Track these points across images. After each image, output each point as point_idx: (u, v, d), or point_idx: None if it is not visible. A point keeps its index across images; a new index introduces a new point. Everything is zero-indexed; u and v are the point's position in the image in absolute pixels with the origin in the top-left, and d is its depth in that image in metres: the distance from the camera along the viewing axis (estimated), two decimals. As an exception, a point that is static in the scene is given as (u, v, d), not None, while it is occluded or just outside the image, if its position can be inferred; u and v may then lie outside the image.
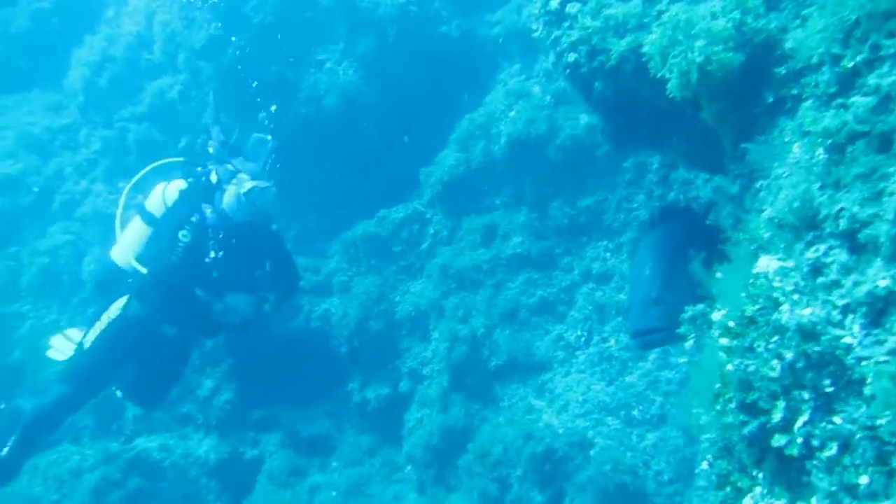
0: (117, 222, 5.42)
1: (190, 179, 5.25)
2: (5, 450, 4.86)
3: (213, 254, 5.07)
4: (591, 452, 4.80)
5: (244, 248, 5.28)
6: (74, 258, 7.57)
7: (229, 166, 5.23)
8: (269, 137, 5.38)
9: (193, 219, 5.10)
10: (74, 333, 5.24)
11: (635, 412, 4.90)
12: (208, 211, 5.17)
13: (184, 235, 5.04)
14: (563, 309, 5.62)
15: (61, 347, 5.12)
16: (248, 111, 5.59)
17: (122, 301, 5.12)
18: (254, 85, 6.57)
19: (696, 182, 4.70)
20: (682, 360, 4.69)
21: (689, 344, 2.65)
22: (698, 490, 4.08)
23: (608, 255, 5.49)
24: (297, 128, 7.05)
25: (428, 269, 6.35)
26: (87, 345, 5.01)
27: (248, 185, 5.14)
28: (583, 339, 5.40)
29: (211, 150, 5.36)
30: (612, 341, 5.28)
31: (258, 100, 6.29)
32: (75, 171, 8.37)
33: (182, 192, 5.18)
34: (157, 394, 5.57)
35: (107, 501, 6.20)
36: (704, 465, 2.24)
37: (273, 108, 5.66)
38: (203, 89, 7.09)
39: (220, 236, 5.13)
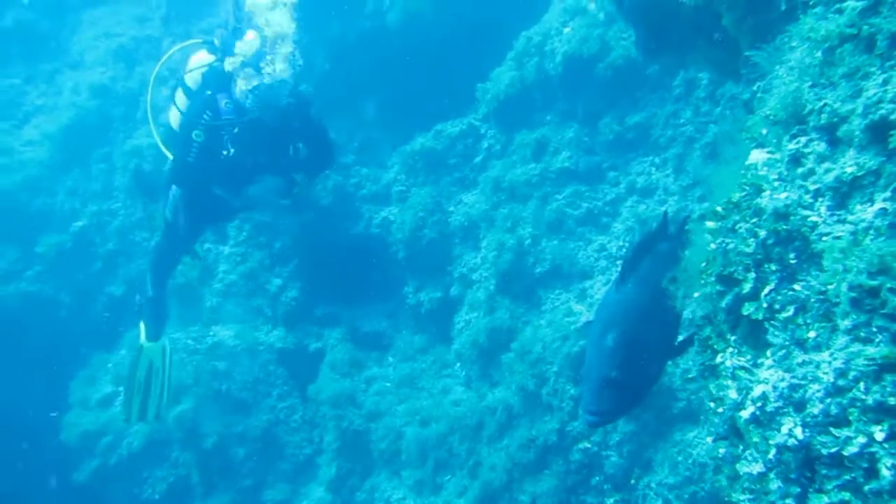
0: (148, 106, 5.64)
1: (216, 59, 5.08)
2: (148, 290, 5.84)
3: (225, 152, 4.94)
4: (624, 352, 5.11)
5: (265, 138, 5.04)
6: (158, 161, 8.16)
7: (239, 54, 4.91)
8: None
9: (206, 116, 4.94)
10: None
11: (668, 318, 5.15)
12: (223, 102, 4.96)
13: (196, 135, 4.91)
14: (607, 220, 5.87)
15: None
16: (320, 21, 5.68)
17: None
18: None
19: (744, 96, 4.79)
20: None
21: None
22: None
23: (653, 169, 5.66)
24: (361, 41, 7.34)
25: (481, 182, 6.65)
26: (168, 217, 5.59)
27: (256, 80, 4.86)
28: (624, 250, 5.64)
29: (217, 40, 5.13)
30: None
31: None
32: (157, 80, 8.89)
33: (204, 75, 5.08)
34: None
35: (198, 374, 6.93)
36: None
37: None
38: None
39: (235, 131, 4.93)
